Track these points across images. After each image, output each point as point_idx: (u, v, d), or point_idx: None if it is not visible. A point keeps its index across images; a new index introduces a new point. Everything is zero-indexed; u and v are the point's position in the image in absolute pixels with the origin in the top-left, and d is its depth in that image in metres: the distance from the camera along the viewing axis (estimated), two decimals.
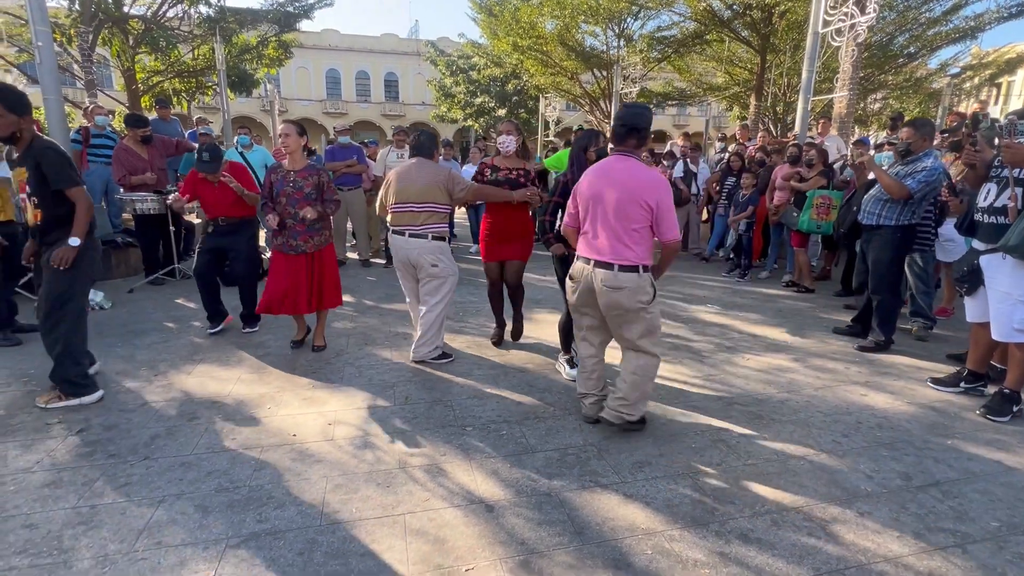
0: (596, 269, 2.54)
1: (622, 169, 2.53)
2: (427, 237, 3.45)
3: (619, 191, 2.48)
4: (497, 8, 15.72)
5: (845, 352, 4.02)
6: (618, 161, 2.57)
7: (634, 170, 2.51)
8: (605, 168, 2.59)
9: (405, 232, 3.46)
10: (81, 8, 11.12)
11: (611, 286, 2.50)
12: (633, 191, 2.46)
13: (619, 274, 2.48)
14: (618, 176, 2.52)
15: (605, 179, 2.54)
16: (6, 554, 1.89)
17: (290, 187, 3.65)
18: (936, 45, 12.41)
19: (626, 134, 2.56)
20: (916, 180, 3.69)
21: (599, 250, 2.54)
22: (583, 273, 2.61)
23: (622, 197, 2.47)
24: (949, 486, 2.37)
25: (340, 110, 33.99)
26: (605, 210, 2.51)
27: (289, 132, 3.58)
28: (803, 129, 7.15)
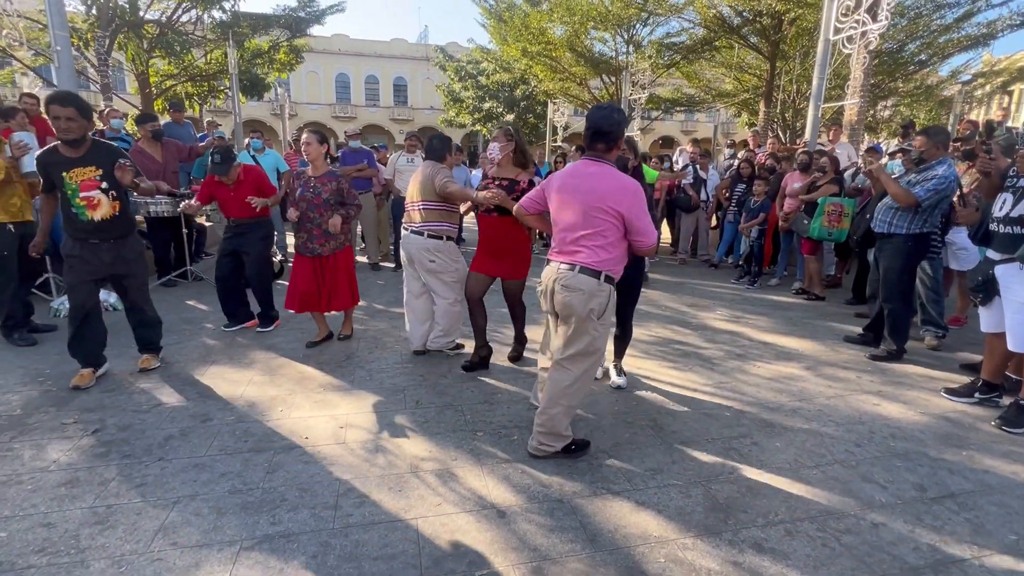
0: (558, 267, 2.44)
1: (590, 174, 2.42)
2: (423, 234, 3.55)
3: (586, 196, 2.38)
4: (507, 14, 15.80)
5: (857, 361, 3.99)
6: (587, 166, 2.45)
7: (603, 175, 2.40)
8: (574, 172, 2.48)
9: (408, 228, 3.66)
10: (98, 13, 11.30)
11: (566, 285, 2.38)
12: (601, 196, 2.36)
13: (578, 275, 2.37)
14: (585, 182, 2.41)
15: (573, 183, 2.44)
16: (25, 552, 1.91)
17: (310, 192, 3.84)
18: (947, 52, 12.35)
19: (592, 138, 2.43)
20: (924, 188, 3.67)
21: (564, 252, 2.45)
22: (545, 274, 2.52)
23: (589, 202, 2.37)
24: (965, 498, 2.34)
25: (349, 114, 34.25)
26: (573, 214, 2.41)
27: (311, 141, 3.80)
28: (814, 136, 7.14)
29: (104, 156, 3.11)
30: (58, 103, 2.91)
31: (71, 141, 2.99)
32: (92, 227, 3.10)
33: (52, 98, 2.95)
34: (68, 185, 3.03)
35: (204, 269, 6.32)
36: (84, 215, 3.06)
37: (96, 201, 3.07)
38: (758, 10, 11.28)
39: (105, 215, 3.11)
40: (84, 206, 3.06)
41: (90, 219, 3.08)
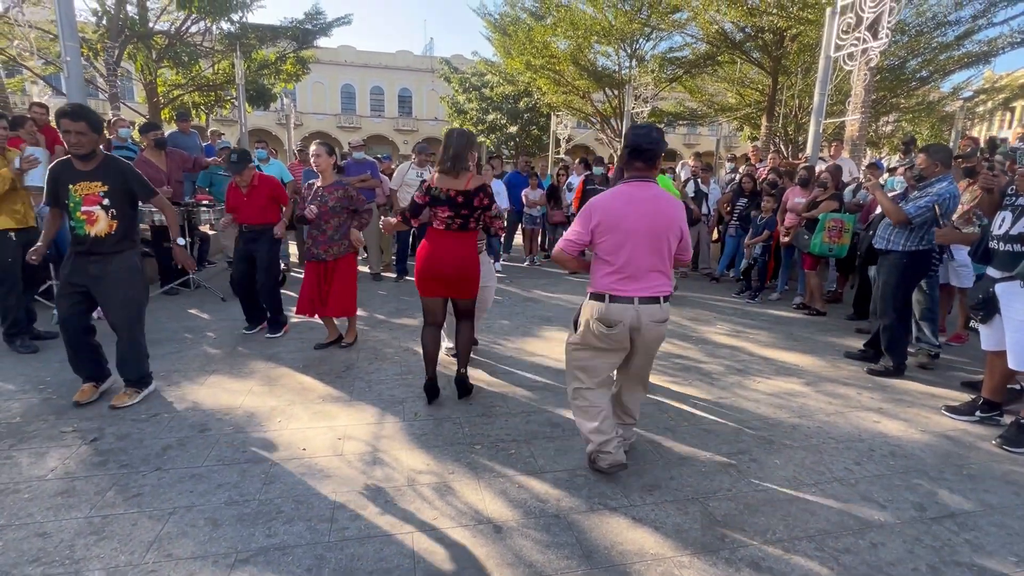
0: (642, 306, 2.33)
1: (649, 198, 2.34)
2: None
3: (653, 221, 2.32)
4: (511, 28, 15.98)
5: (857, 377, 3.98)
6: (639, 189, 2.36)
7: (661, 198, 2.36)
8: (630, 197, 2.35)
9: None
10: (108, 24, 11.47)
11: (658, 320, 2.38)
12: (669, 220, 2.35)
13: (664, 306, 2.39)
14: (647, 206, 2.33)
15: (638, 209, 2.32)
16: (20, 562, 1.91)
17: (317, 200, 4.02)
18: (949, 69, 12.43)
19: (636, 156, 2.37)
20: (916, 206, 3.69)
21: (642, 285, 2.34)
22: (625, 314, 2.34)
23: (657, 228, 2.32)
24: (965, 518, 2.33)
25: (354, 124, 34.53)
26: (640, 242, 2.31)
27: (320, 153, 4.01)
28: (815, 151, 7.17)
29: (113, 173, 3.10)
30: (69, 117, 2.93)
31: (81, 155, 3.00)
32: (88, 242, 3.08)
33: (63, 112, 2.97)
34: (72, 197, 3.04)
35: (207, 278, 6.35)
36: (83, 229, 3.06)
37: (95, 217, 3.05)
38: (760, 26, 11.39)
39: (100, 232, 3.06)
40: (84, 220, 3.06)
41: (87, 233, 3.07)
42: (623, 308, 2.35)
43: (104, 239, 3.09)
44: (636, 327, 2.37)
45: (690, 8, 11.79)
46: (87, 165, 3.04)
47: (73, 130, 2.93)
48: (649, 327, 2.37)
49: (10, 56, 11.08)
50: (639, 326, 2.36)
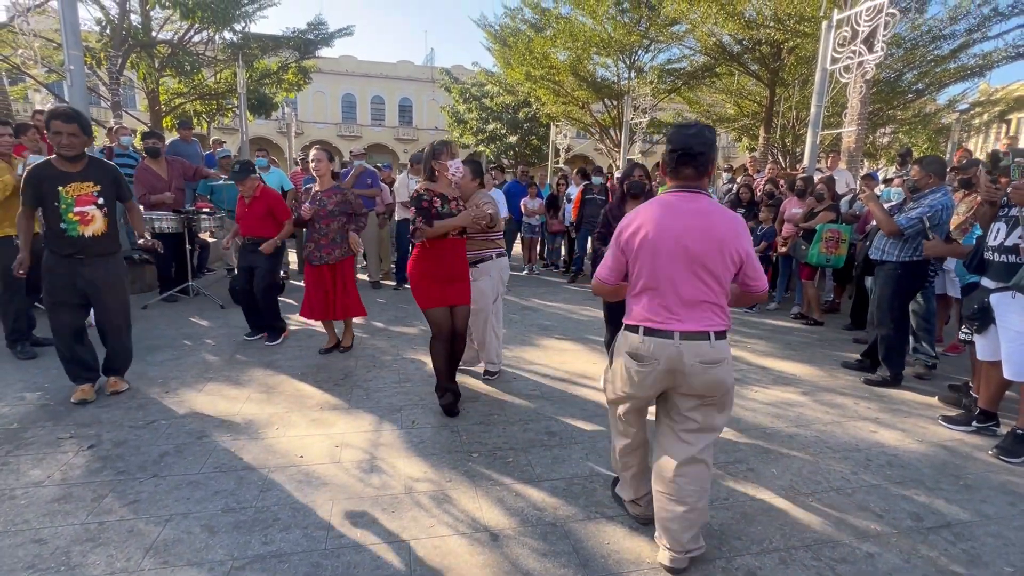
0: (684, 342, 1.88)
1: (695, 211, 1.90)
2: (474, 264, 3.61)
3: (700, 240, 1.86)
4: (511, 39, 16.13)
5: (855, 387, 3.99)
6: (684, 200, 1.93)
7: (712, 212, 1.91)
8: (672, 209, 1.93)
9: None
10: (112, 34, 11.57)
11: (710, 361, 1.88)
12: (720, 240, 1.87)
13: (716, 343, 1.89)
14: (693, 221, 1.88)
15: (678, 223, 1.89)
16: (16, 569, 1.90)
17: (316, 204, 4.10)
18: (944, 82, 12.56)
19: (687, 163, 1.93)
20: (907, 217, 3.73)
21: (684, 316, 1.90)
22: (664, 350, 1.90)
23: (706, 248, 1.86)
24: (961, 528, 2.33)
25: (355, 133, 34.71)
26: (685, 264, 1.87)
27: (321, 158, 4.12)
28: (812, 162, 7.23)
29: (103, 173, 3.15)
30: (62, 119, 2.95)
31: (71, 157, 3.02)
32: (81, 243, 3.08)
33: (55, 114, 2.98)
34: (64, 199, 3.01)
35: (206, 285, 6.36)
36: (75, 230, 3.04)
37: (90, 217, 3.07)
38: (757, 39, 11.52)
39: (97, 231, 3.11)
40: (77, 221, 3.05)
41: (80, 234, 3.06)
42: (659, 343, 1.91)
43: (100, 239, 3.13)
44: (678, 369, 1.90)
45: (688, 21, 11.92)
46: (75, 166, 3.05)
47: (65, 131, 2.94)
48: (695, 369, 1.88)
49: (14, 64, 11.16)
50: (682, 368, 1.89)
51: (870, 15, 6.21)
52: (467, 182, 3.48)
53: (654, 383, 1.98)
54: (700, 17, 11.24)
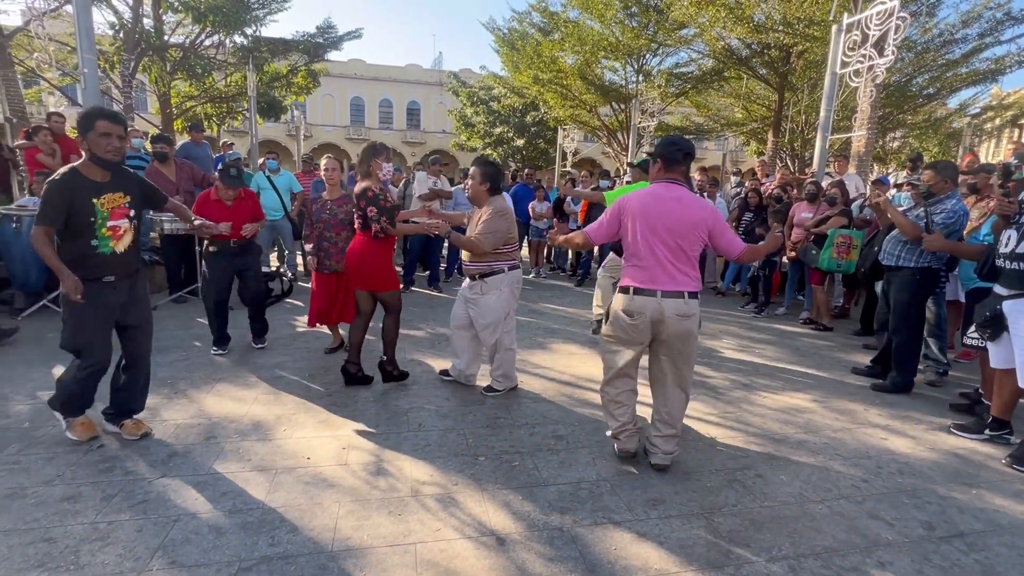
0: (665, 300, 2.52)
1: (681, 197, 2.56)
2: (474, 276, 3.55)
3: (676, 222, 2.51)
4: (519, 42, 16.19)
5: (865, 393, 3.95)
6: (667, 190, 2.59)
7: (685, 200, 2.56)
8: (657, 197, 2.57)
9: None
10: (125, 37, 11.71)
11: (683, 314, 2.52)
12: (690, 223, 2.52)
13: (689, 301, 2.54)
14: (672, 207, 2.53)
15: (661, 209, 2.54)
16: (25, 567, 1.92)
17: (326, 214, 4.09)
18: (955, 86, 12.46)
19: (682, 160, 2.61)
20: (932, 224, 3.68)
21: (665, 280, 2.54)
22: (647, 306, 2.54)
23: (681, 227, 2.51)
24: (974, 538, 2.29)
25: (363, 136, 34.86)
26: (665, 240, 2.52)
27: (335, 167, 4.14)
28: (821, 166, 7.18)
29: (131, 182, 2.78)
30: (110, 120, 2.59)
31: (110, 164, 2.64)
32: (114, 261, 2.69)
33: (103, 113, 2.61)
34: (99, 213, 2.60)
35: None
36: (107, 247, 2.65)
37: (121, 231, 2.70)
38: (766, 43, 11.49)
39: (125, 246, 2.73)
40: (110, 236, 2.66)
41: (112, 251, 2.67)
42: (646, 301, 2.55)
43: (128, 254, 2.76)
44: (659, 319, 2.53)
45: (697, 25, 11.91)
46: (104, 176, 2.65)
47: (115, 133, 2.58)
48: (673, 320, 2.52)
49: (29, 67, 11.32)
50: (662, 319, 2.53)
51: (881, 19, 6.18)
52: (476, 185, 3.48)
53: (643, 332, 2.59)
54: (709, 21, 11.24)
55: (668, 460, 2.71)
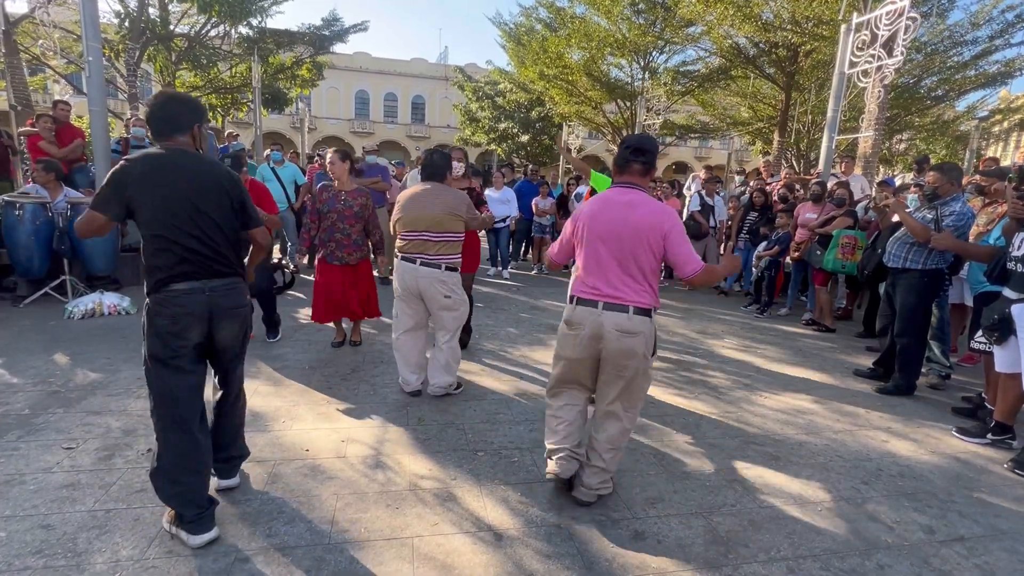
0: (605, 312, 2.21)
1: (624, 203, 2.24)
2: (440, 267, 3.25)
3: (623, 228, 2.20)
4: (525, 38, 16.12)
5: (866, 395, 3.93)
6: (620, 194, 2.29)
7: (636, 204, 2.23)
8: (606, 202, 2.30)
9: (416, 260, 3.25)
10: (131, 26, 11.69)
11: (624, 330, 2.18)
12: (638, 229, 2.19)
13: (633, 317, 2.19)
14: (620, 212, 2.23)
15: (608, 215, 2.26)
16: (23, 553, 1.92)
17: (341, 205, 4.01)
18: (964, 88, 12.38)
19: (631, 159, 2.29)
20: (942, 225, 3.65)
21: (608, 292, 2.22)
22: (586, 318, 2.25)
23: (628, 235, 2.19)
24: (975, 542, 2.28)
25: (367, 130, 34.85)
26: (611, 248, 2.22)
27: (335, 161, 4.01)
28: (827, 167, 7.14)
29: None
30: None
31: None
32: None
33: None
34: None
35: None
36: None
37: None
38: (774, 42, 11.42)
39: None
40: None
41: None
42: (585, 311, 2.26)
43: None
44: (599, 335, 2.22)
45: (704, 22, 11.84)
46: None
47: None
48: (612, 336, 2.19)
49: (34, 55, 11.31)
50: (601, 333, 2.21)
51: (890, 19, 6.12)
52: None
53: (582, 346, 2.27)
54: (716, 19, 11.16)
55: (590, 497, 2.36)
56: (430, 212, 3.22)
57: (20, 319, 4.64)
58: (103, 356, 3.85)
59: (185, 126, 2.08)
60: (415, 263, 3.25)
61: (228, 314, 2.08)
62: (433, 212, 3.22)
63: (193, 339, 2.01)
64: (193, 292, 1.99)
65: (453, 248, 3.32)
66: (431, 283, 3.24)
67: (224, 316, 2.07)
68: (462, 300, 3.40)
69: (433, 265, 3.25)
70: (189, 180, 2.01)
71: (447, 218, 3.24)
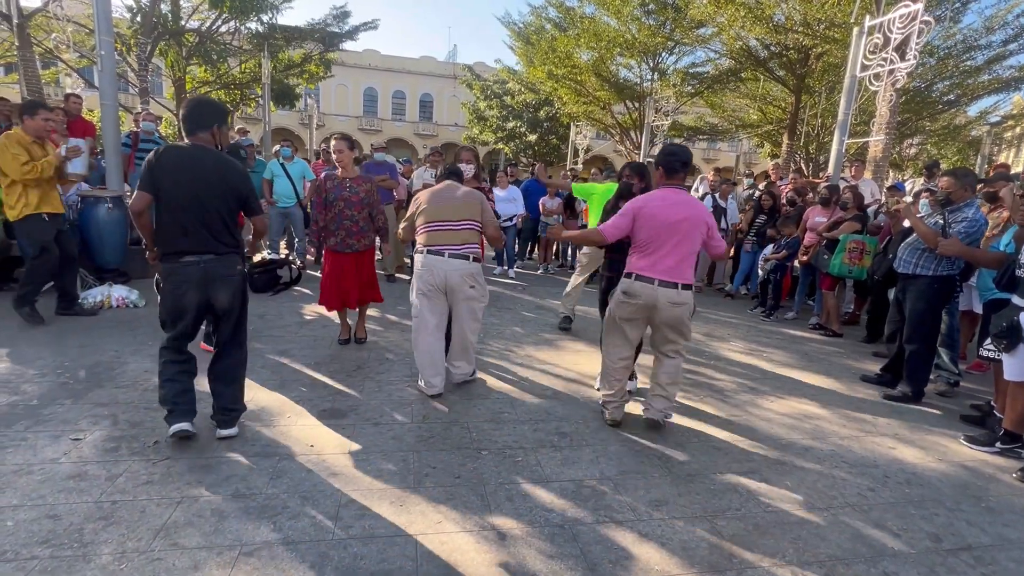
0: (660, 288, 2.86)
1: (685, 201, 2.92)
2: (468, 258, 3.33)
3: (688, 220, 2.86)
4: (534, 37, 16.10)
5: (873, 401, 3.90)
6: (677, 193, 2.95)
7: (692, 201, 2.97)
8: (671, 199, 2.91)
9: (444, 252, 3.30)
10: (143, 21, 11.76)
11: (675, 302, 2.88)
12: (697, 220, 2.89)
13: (682, 292, 2.88)
14: (683, 208, 2.88)
15: (675, 209, 2.87)
16: (30, 543, 1.93)
17: (347, 192, 4.04)
18: (977, 93, 12.26)
19: (680, 168, 2.98)
20: (955, 232, 3.61)
21: (664, 271, 2.87)
22: (644, 291, 2.89)
23: (690, 226, 2.86)
24: (982, 552, 2.26)
25: (375, 127, 34.92)
26: (677, 237, 2.86)
27: (342, 148, 4.02)
28: (836, 170, 7.09)
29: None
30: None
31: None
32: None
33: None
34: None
35: None
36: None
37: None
38: (785, 44, 11.35)
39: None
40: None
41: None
42: (643, 286, 2.90)
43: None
44: (653, 305, 2.88)
45: (715, 24, 11.79)
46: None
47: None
48: (665, 307, 2.88)
49: (47, 48, 11.39)
50: (656, 304, 2.88)
51: (903, 22, 6.07)
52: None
53: (637, 312, 2.97)
54: (727, 20, 11.11)
55: (659, 417, 3.13)
56: (451, 202, 3.43)
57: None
58: (111, 348, 3.88)
59: (206, 125, 2.54)
60: (443, 255, 3.31)
61: (222, 281, 2.57)
62: (454, 202, 3.44)
63: (192, 301, 2.54)
64: (191, 264, 2.51)
65: (476, 237, 3.46)
66: (461, 276, 3.32)
67: (218, 282, 2.56)
68: (484, 291, 3.53)
69: (462, 256, 3.34)
70: (197, 172, 2.47)
71: (465, 206, 3.44)
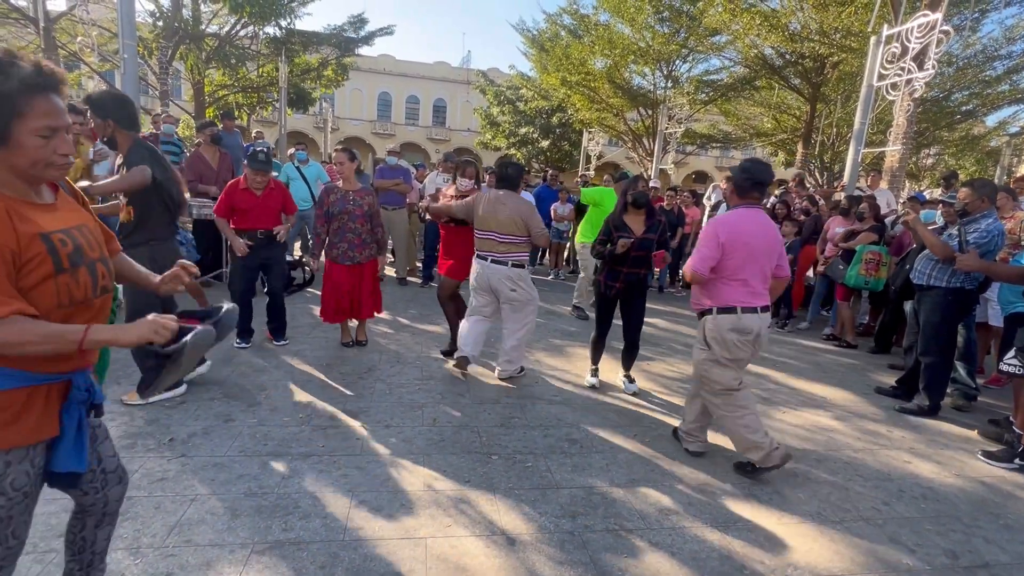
0: (764, 315, 2.72)
1: (764, 223, 2.76)
2: (507, 264, 3.66)
3: (768, 243, 2.72)
4: (548, 44, 16.15)
5: (889, 414, 3.85)
6: (756, 215, 2.76)
7: (769, 223, 2.79)
8: (755, 221, 2.73)
9: (487, 258, 3.70)
10: (164, 25, 11.99)
11: (768, 326, 2.79)
12: (776, 242, 2.77)
13: (765, 315, 2.75)
14: (765, 230, 2.73)
15: (759, 233, 2.70)
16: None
17: (350, 204, 4.06)
18: (996, 104, 12.11)
19: (750, 188, 2.76)
20: (967, 242, 3.57)
21: (760, 298, 2.72)
22: (754, 323, 2.68)
23: (771, 248, 2.73)
24: (1000, 570, 2.22)
25: (388, 131, 35.18)
26: (761, 261, 2.71)
27: (343, 160, 4.06)
28: (852, 180, 7.03)
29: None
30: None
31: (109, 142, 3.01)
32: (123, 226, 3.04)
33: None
34: None
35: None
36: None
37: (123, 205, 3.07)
38: (801, 53, 11.29)
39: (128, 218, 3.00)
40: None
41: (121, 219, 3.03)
42: (753, 318, 2.69)
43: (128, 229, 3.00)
44: (759, 333, 2.72)
45: (730, 32, 11.76)
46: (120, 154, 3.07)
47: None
48: (766, 335, 2.77)
49: (71, 51, 11.64)
50: (760, 332, 2.72)
51: (922, 32, 6.03)
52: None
53: (753, 350, 2.74)
54: (742, 28, 11.08)
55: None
56: (498, 215, 3.64)
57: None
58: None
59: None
60: (486, 260, 3.71)
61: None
62: (499, 216, 3.63)
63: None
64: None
65: (519, 248, 3.71)
66: (500, 279, 3.68)
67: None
68: (530, 294, 3.75)
69: (500, 263, 3.68)
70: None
71: (511, 222, 3.63)
